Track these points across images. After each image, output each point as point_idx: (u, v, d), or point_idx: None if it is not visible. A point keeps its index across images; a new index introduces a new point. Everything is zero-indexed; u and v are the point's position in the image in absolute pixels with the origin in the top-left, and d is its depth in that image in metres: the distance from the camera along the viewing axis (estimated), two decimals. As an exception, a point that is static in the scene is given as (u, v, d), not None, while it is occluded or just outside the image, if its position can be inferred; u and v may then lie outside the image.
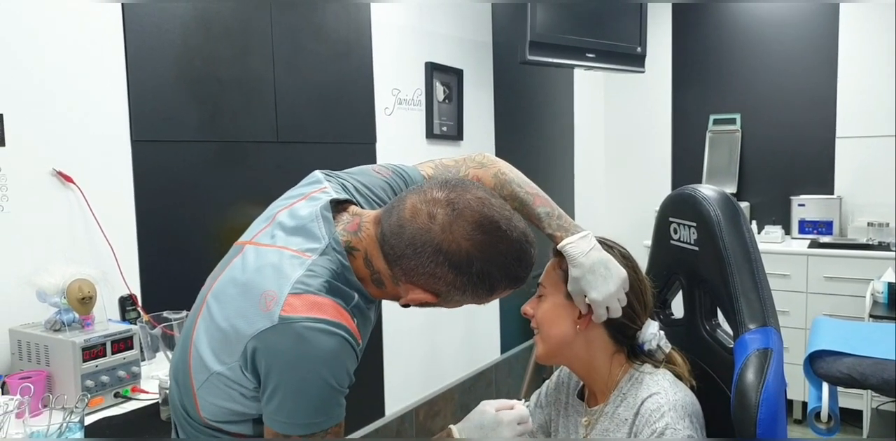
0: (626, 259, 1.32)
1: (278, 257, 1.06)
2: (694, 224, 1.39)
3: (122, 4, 2.03)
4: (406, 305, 1.14)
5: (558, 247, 1.28)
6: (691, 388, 1.30)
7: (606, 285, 1.23)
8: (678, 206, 1.47)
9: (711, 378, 1.36)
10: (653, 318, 1.36)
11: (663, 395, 1.23)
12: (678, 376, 1.31)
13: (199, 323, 1.09)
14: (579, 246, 1.25)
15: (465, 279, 1.06)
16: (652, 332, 1.31)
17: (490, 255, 1.05)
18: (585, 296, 1.25)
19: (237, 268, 1.09)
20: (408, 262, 1.06)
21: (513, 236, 1.07)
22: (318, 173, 1.22)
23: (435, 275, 1.05)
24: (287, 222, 1.12)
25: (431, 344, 3.37)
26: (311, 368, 0.98)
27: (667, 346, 1.33)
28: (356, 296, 1.09)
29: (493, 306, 3.82)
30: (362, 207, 1.19)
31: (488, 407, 1.24)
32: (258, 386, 1.02)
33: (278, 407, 1.00)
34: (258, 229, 1.16)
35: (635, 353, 1.35)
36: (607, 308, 1.25)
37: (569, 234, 1.27)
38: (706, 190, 1.40)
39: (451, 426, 1.24)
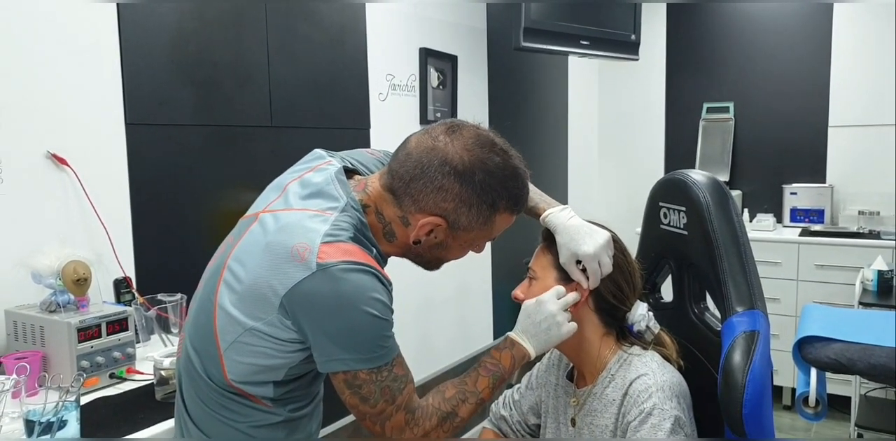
0: (614, 241, 1.34)
1: (300, 217, 1.12)
2: (683, 208, 1.41)
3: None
4: (417, 242, 1.18)
5: (541, 218, 1.36)
6: (679, 368, 1.32)
7: (594, 239, 1.30)
8: (668, 191, 1.48)
9: (699, 360, 1.38)
10: (642, 301, 1.38)
11: (651, 377, 1.26)
12: (666, 358, 1.33)
13: (222, 287, 1.14)
14: (560, 216, 1.34)
15: (470, 190, 1.12)
16: (641, 314, 1.33)
17: (489, 167, 1.13)
18: (578, 261, 1.29)
19: (256, 233, 1.14)
20: (416, 183, 1.13)
21: (510, 153, 1.16)
22: (319, 150, 1.29)
23: (443, 187, 1.12)
24: (301, 190, 1.18)
25: (424, 328, 3.39)
26: (353, 305, 1.05)
27: (655, 327, 1.35)
28: (375, 251, 1.16)
29: (486, 290, 3.85)
30: None
31: (525, 303, 1.31)
32: (296, 337, 1.09)
33: (336, 348, 1.07)
34: (270, 199, 1.21)
35: (624, 335, 1.37)
36: (599, 264, 1.29)
37: (550, 207, 1.38)
38: (696, 175, 1.42)
39: (509, 334, 1.29)
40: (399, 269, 1.31)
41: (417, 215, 1.15)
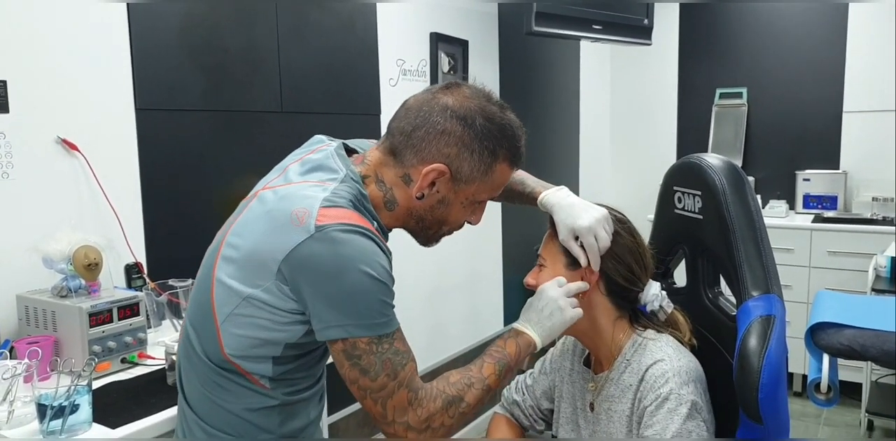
0: (622, 223, 1.34)
1: (300, 187, 1.12)
2: (699, 192, 1.39)
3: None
4: (420, 198, 1.17)
5: (538, 200, 1.38)
6: (693, 348, 1.32)
7: (589, 214, 1.30)
8: (683, 175, 1.47)
9: (713, 345, 1.37)
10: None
11: (668, 362, 1.25)
12: (680, 341, 1.32)
13: (220, 262, 1.14)
14: (557, 195, 1.37)
15: (472, 133, 1.14)
16: (654, 293, 1.32)
17: (488, 114, 1.16)
18: (577, 238, 1.29)
19: (255, 207, 1.14)
20: (418, 131, 1.14)
21: (506, 107, 1.20)
22: (319, 136, 1.29)
23: (445, 131, 1.13)
24: (301, 168, 1.18)
25: (435, 316, 3.39)
26: (352, 265, 1.04)
27: (669, 307, 1.34)
28: (376, 223, 1.15)
29: (497, 278, 3.84)
30: None
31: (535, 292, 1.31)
32: (296, 307, 1.08)
33: (335, 313, 1.05)
34: (270, 179, 1.22)
35: (637, 317, 1.36)
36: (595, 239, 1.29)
37: (546, 189, 1.40)
38: (711, 158, 1.40)
39: (514, 324, 1.29)
40: (410, 257, 1.29)
41: (420, 167, 1.15)
